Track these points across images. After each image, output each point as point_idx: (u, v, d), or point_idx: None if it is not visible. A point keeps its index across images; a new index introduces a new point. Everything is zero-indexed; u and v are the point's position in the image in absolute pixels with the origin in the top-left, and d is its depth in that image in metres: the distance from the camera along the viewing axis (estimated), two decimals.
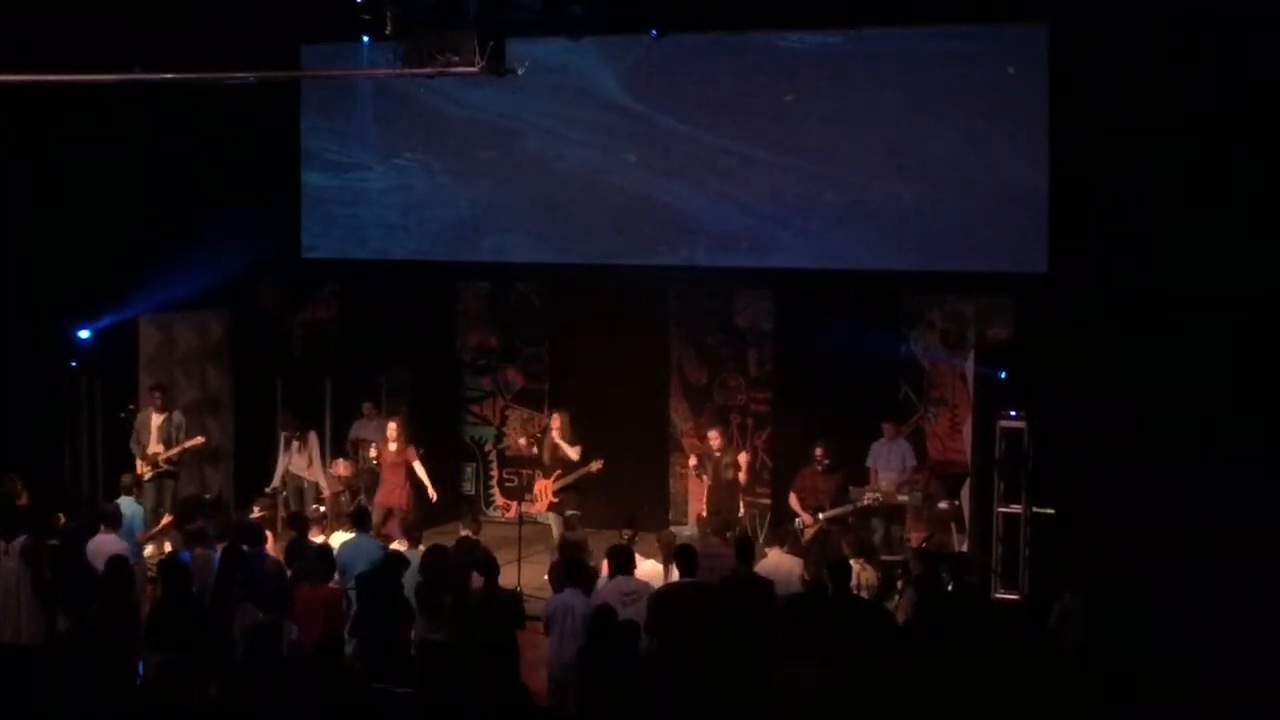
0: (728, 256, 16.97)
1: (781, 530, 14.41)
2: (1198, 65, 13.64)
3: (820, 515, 15.32)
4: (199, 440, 16.88)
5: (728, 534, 14.54)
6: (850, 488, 15.64)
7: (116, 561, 12.13)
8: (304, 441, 17.29)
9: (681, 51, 16.61)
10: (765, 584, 12.16)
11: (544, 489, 16.49)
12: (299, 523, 14.20)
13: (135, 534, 14.23)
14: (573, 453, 16.34)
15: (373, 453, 16.72)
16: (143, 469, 16.27)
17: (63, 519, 13.70)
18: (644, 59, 16.81)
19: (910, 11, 15.41)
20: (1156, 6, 13.65)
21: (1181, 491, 13.36)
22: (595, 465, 16.19)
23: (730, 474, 15.92)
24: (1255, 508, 13.09)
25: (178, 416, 16.71)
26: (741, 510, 16.22)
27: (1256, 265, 13.48)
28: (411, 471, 16.60)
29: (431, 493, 16.67)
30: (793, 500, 15.66)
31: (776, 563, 12.83)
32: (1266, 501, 13.05)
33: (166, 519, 15.37)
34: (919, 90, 15.96)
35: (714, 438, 16.18)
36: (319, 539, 13.80)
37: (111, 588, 11.82)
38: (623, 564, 12.20)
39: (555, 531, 16.01)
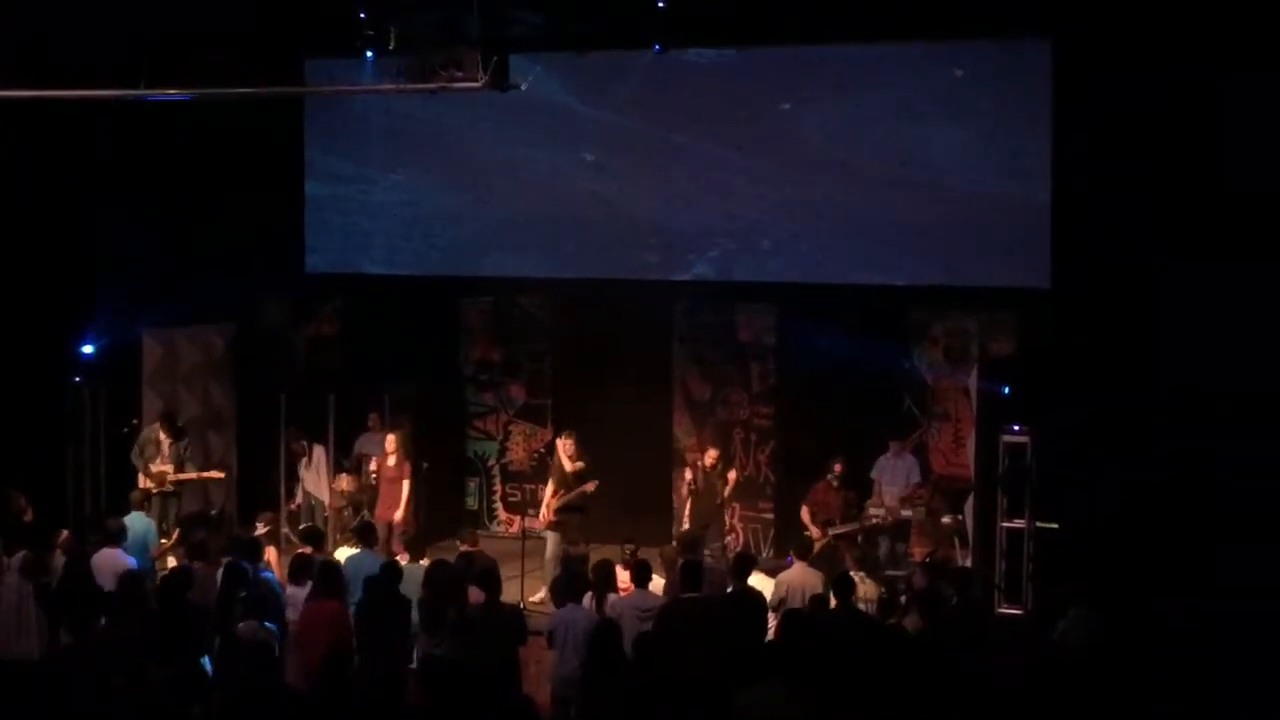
0: (730, 271, 16.98)
1: (794, 546, 14.41)
2: (1201, 80, 13.67)
3: (830, 530, 15.31)
4: (219, 474, 16.89)
5: (711, 546, 14.61)
6: (862, 505, 15.64)
7: (129, 577, 12.12)
8: (311, 456, 17.32)
9: (682, 66, 16.61)
10: (757, 599, 12.19)
11: (548, 505, 16.21)
12: (313, 537, 14.16)
13: (150, 549, 14.22)
14: (571, 466, 16.01)
15: (373, 466, 16.69)
16: (143, 484, 16.23)
17: (65, 534, 13.68)
18: (645, 74, 16.82)
19: (914, 26, 15.43)
20: (1160, 21, 13.67)
21: (1185, 505, 13.36)
22: (589, 486, 15.91)
23: (721, 495, 15.92)
24: (1259, 520, 13.10)
25: (187, 439, 16.70)
26: (726, 525, 16.20)
27: (1257, 277, 13.49)
28: (413, 485, 16.61)
29: (402, 513, 16.51)
30: (804, 513, 15.63)
31: (801, 576, 12.82)
32: (1271, 513, 13.06)
33: (176, 535, 15.36)
34: (921, 104, 16.00)
35: (711, 457, 16.18)
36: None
37: (123, 603, 11.80)
38: (640, 579, 12.23)
39: (550, 549, 15.91)
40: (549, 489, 16.33)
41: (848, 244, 16.39)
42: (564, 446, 16.20)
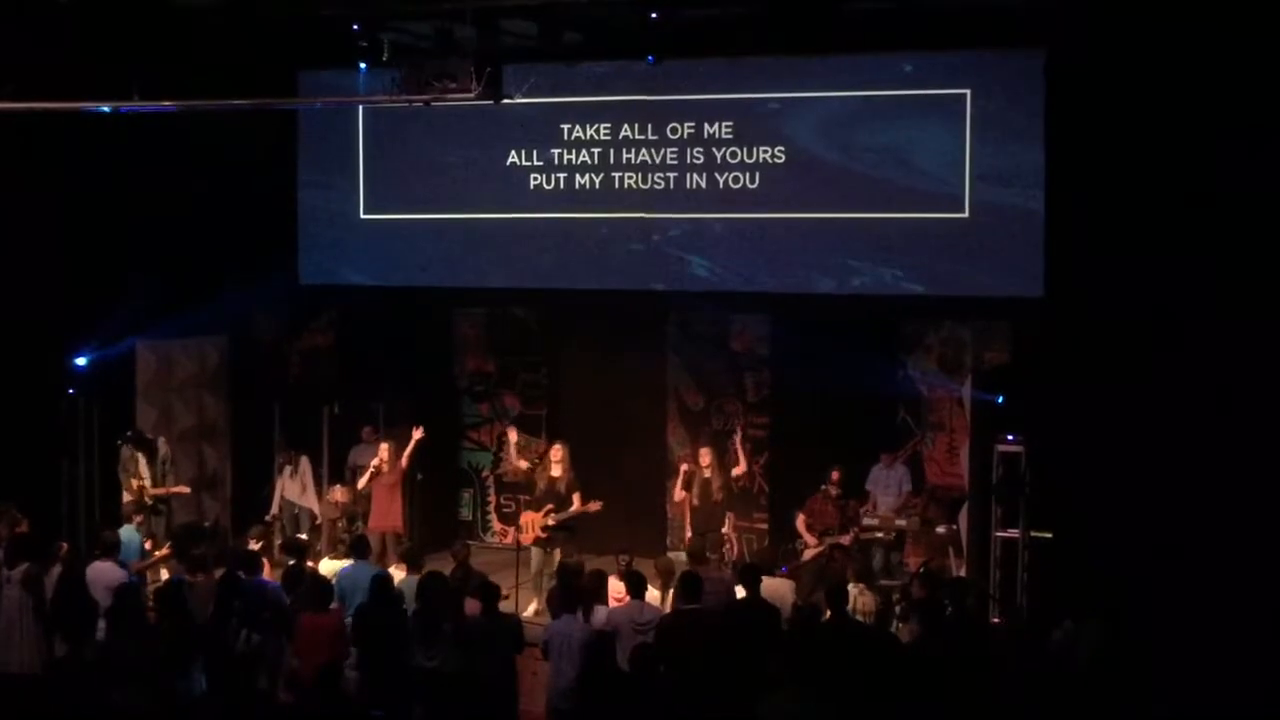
0: (723, 281, 16.98)
1: (782, 550, 14.40)
2: (1194, 89, 13.68)
3: (827, 539, 15.30)
4: (184, 489, 16.84)
5: (710, 556, 14.60)
6: (859, 514, 15.65)
7: (125, 589, 12.11)
8: (296, 467, 17.29)
9: (674, 75, 16.62)
10: (770, 610, 12.16)
11: (531, 521, 15.99)
12: (296, 549, 14.16)
13: (130, 563, 14.19)
14: (575, 499, 15.87)
15: (363, 480, 16.68)
16: (126, 499, 16.18)
17: (65, 547, 13.65)
18: (636, 84, 16.84)
19: (909, 36, 15.46)
20: (1153, 31, 13.68)
21: (1180, 514, 13.36)
22: (594, 506, 15.84)
23: (718, 495, 15.92)
24: (1254, 529, 13.10)
25: (163, 449, 16.65)
26: (726, 527, 16.19)
27: (1252, 287, 13.50)
28: (404, 495, 16.56)
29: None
30: (799, 522, 15.62)
31: (772, 587, 12.82)
32: (1265, 523, 13.06)
33: (165, 549, 15.33)
34: (915, 112, 16.01)
35: (704, 455, 16.13)
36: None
37: (120, 615, 11.79)
38: (635, 589, 12.23)
39: (535, 564, 15.79)
40: (534, 499, 16.23)
41: (842, 253, 16.37)
42: (555, 454, 16.16)
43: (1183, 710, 11.38)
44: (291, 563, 13.83)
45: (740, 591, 12.77)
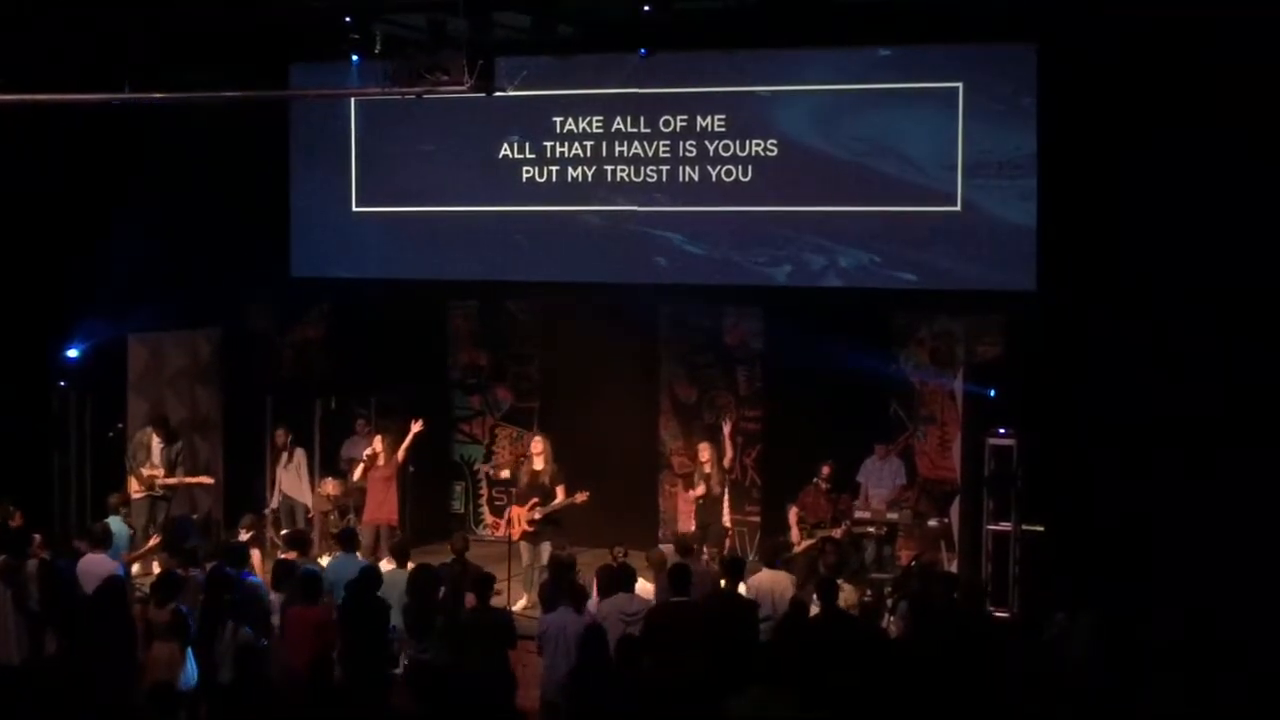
0: (717, 274, 16.98)
1: (774, 544, 14.40)
2: (1186, 83, 13.69)
3: (819, 533, 15.29)
4: (208, 480, 16.87)
5: (701, 551, 14.59)
6: (851, 508, 15.64)
7: (111, 582, 12.09)
8: (291, 457, 17.29)
9: (667, 69, 16.62)
10: (748, 604, 12.18)
11: (518, 516, 15.85)
12: (300, 543, 14.10)
13: (121, 554, 14.16)
14: (559, 491, 15.71)
15: (357, 472, 16.65)
16: (135, 488, 16.20)
17: (38, 539, 13.59)
18: (629, 76, 16.84)
19: (900, 30, 15.46)
20: (1147, 24, 13.69)
21: (1174, 507, 13.38)
22: (580, 497, 15.70)
23: (717, 489, 15.93)
24: (1246, 524, 13.11)
25: (180, 443, 16.66)
26: (726, 520, 16.18)
27: (1247, 285, 13.50)
28: (398, 487, 16.55)
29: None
30: (791, 515, 15.62)
31: (772, 580, 12.81)
32: (1257, 518, 13.07)
33: (154, 539, 15.32)
34: (908, 105, 16.03)
35: (704, 450, 16.13)
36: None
37: (105, 607, 11.77)
38: (624, 583, 12.22)
39: (525, 559, 15.71)
40: (518, 494, 16.13)
41: (834, 246, 16.39)
42: (537, 451, 16.06)
43: (1178, 703, 11.37)
44: (282, 556, 13.80)
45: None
